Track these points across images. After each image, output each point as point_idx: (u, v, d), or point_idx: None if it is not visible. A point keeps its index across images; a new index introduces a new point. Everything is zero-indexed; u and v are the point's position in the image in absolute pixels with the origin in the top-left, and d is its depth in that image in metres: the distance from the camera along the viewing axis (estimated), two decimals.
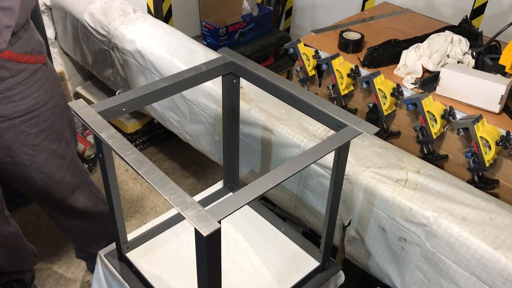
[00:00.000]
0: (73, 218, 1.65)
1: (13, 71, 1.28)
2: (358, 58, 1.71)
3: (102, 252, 1.30)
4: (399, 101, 1.57)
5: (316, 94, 1.72)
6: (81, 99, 1.02)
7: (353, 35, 1.78)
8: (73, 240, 1.81)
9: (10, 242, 1.61)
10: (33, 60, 1.33)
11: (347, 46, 1.76)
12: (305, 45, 1.78)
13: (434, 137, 1.46)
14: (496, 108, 1.43)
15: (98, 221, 1.71)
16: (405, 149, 1.47)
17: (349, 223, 1.37)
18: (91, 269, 1.92)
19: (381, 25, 1.99)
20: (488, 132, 1.35)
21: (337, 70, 1.65)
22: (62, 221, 1.68)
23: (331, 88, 1.70)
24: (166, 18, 2.78)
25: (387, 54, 1.68)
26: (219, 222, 0.77)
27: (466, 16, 1.86)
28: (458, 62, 1.62)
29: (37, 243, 1.98)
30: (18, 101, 1.31)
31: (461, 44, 1.64)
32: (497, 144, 1.34)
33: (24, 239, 1.69)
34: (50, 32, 2.38)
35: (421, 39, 1.72)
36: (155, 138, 2.63)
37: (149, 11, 2.62)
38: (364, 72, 1.64)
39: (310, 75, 1.78)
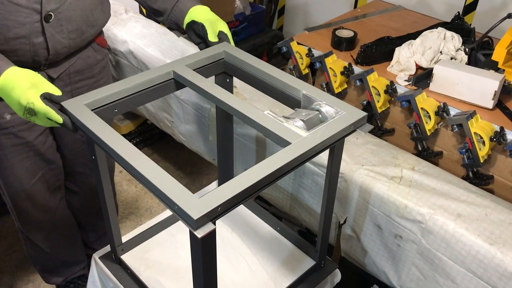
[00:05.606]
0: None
1: (103, 54, 1.45)
2: (351, 56, 1.71)
3: (96, 255, 1.29)
4: (392, 98, 1.57)
5: None
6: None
7: (346, 33, 1.78)
8: (91, 229, 1.83)
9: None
10: (105, 44, 1.48)
11: (340, 44, 1.76)
12: (298, 43, 1.78)
13: (428, 133, 1.46)
14: (490, 104, 1.43)
15: None
16: (400, 146, 1.47)
17: (344, 221, 1.36)
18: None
19: (374, 22, 1.99)
20: (482, 128, 1.35)
21: (330, 68, 1.65)
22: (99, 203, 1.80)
23: (324, 86, 1.70)
24: None
25: (380, 51, 1.68)
26: (214, 223, 0.76)
27: (459, 12, 1.86)
28: (451, 58, 1.62)
29: None
30: (103, 84, 1.39)
31: (453, 41, 1.65)
32: (491, 140, 1.34)
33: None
34: None
35: (414, 36, 1.72)
36: (149, 139, 2.62)
37: (141, 12, 2.60)
38: (357, 69, 1.64)
39: (303, 73, 1.78)
